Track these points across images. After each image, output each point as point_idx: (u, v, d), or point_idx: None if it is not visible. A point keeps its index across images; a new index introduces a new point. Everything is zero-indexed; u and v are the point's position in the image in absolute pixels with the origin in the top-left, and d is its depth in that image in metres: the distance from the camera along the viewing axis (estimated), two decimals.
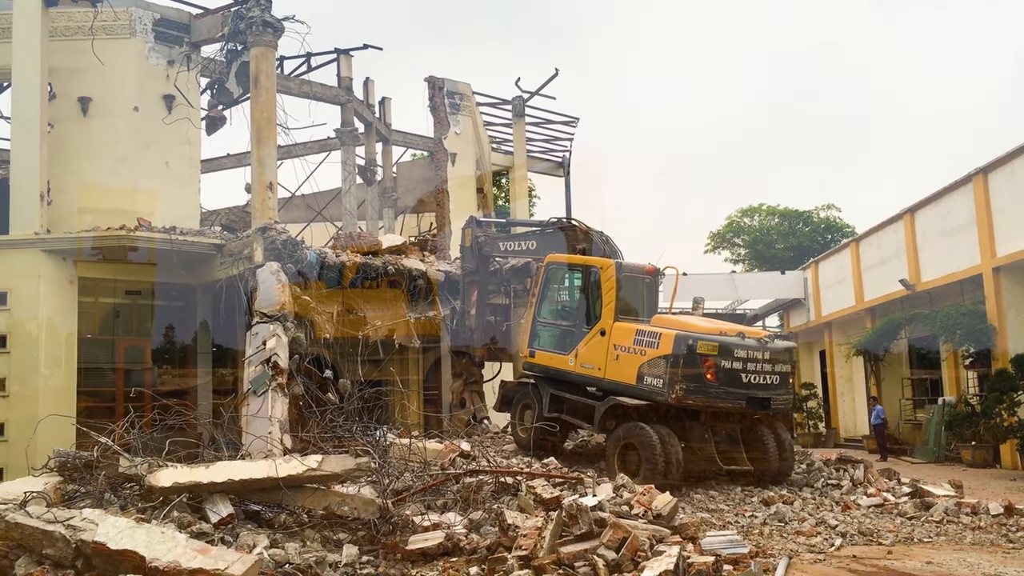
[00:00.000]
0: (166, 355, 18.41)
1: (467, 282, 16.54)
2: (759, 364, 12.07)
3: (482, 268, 16.27)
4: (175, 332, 18.44)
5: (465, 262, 16.53)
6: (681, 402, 11.71)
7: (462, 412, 17.46)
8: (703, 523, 9.51)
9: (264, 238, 15.44)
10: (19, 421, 15.03)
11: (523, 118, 29.46)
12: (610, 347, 12.69)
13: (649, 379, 11.97)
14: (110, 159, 18.01)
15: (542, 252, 15.02)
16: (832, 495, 11.86)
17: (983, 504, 10.92)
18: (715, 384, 11.71)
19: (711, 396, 11.79)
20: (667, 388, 11.67)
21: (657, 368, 11.88)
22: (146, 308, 18.05)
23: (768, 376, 12.17)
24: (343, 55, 23.67)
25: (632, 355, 12.32)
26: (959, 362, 22.98)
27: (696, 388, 11.65)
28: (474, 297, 16.33)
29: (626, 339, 12.50)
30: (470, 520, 8.92)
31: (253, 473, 8.67)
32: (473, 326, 16.46)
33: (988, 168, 20.65)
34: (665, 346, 11.84)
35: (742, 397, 11.98)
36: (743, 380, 11.94)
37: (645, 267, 13.56)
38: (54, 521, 7.37)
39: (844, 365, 31.49)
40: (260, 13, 16.44)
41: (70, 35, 18.08)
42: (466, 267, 16.50)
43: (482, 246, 16.03)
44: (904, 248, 25.38)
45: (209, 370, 18.21)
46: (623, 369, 12.42)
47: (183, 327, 18.39)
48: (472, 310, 16.32)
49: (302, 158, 25.13)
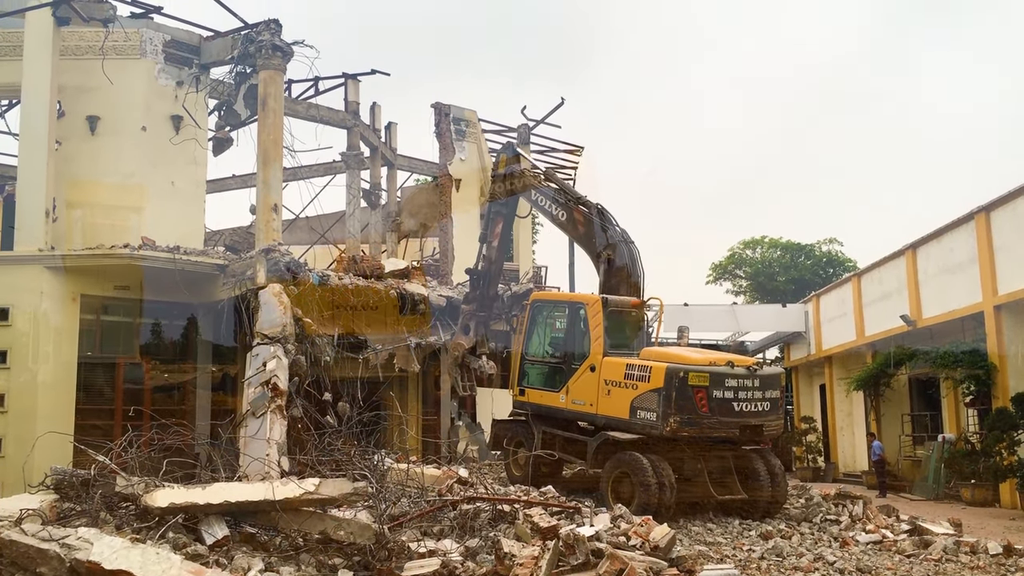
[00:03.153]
0: (166, 375, 18.37)
1: (493, 211, 16.60)
2: (750, 392, 12.07)
3: (511, 202, 16.23)
4: (175, 351, 18.44)
5: (495, 188, 16.43)
6: (676, 434, 11.69)
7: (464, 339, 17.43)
8: (701, 556, 9.45)
9: (267, 259, 15.49)
10: (17, 437, 15.01)
11: (528, 146, 29.60)
12: (601, 382, 12.67)
13: (642, 413, 11.95)
14: (116, 177, 18.11)
15: (570, 228, 15.01)
16: (831, 530, 11.79)
17: (982, 543, 10.85)
18: (708, 415, 11.70)
19: (705, 427, 11.77)
20: (661, 421, 11.65)
21: (650, 401, 11.86)
22: (147, 327, 18.07)
23: (759, 403, 12.17)
24: (351, 80, 23.85)
25: (624, 389, 12.30)
26: (959, 399, 22.91)
27: (690, 420, 11.63)
28: (498, 228, 16.51)
29: (617, 374, 12.48)
30: (466, 547, 8.87)
31: (250, 495, 8.63)
32: (493, 257, 16.73)
33: (990, 206, 20.70)
34: (656, 379, 11.83)
35: (735, 426, 11.99)
36: (735, 409, 11.94)
37: (631, 301, 13.59)
38: (49, 539, 7.34)
39: (844, 399, 31.39)
40: (270, 37, 16.62)
41: (81, 54, 18.24)
42: (495, 192, 16.41)
43: (514, 181, 15.95)
44: (905, 284, 25.38)
45: (208, 390, 18.19)
46: (615, 404, 12.39)
47: (184, 346, 18.39)
48: (495, 241, 16.53)
49: (307, 180, 25.26)
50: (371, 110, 25.75)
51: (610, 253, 14.21)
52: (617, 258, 14.13)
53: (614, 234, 14.32)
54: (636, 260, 14.29)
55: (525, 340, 14.38)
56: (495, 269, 17.06)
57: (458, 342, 17.54)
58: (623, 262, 14.11)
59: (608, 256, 14.24)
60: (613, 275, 14.11)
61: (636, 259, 14.30)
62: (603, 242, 14.33)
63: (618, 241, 14.24)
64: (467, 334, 17.42)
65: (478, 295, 17.31)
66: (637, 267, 14.23)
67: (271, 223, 16.41)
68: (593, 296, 13.39)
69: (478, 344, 17.55)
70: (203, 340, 18.09)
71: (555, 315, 14.36)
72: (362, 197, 24.94)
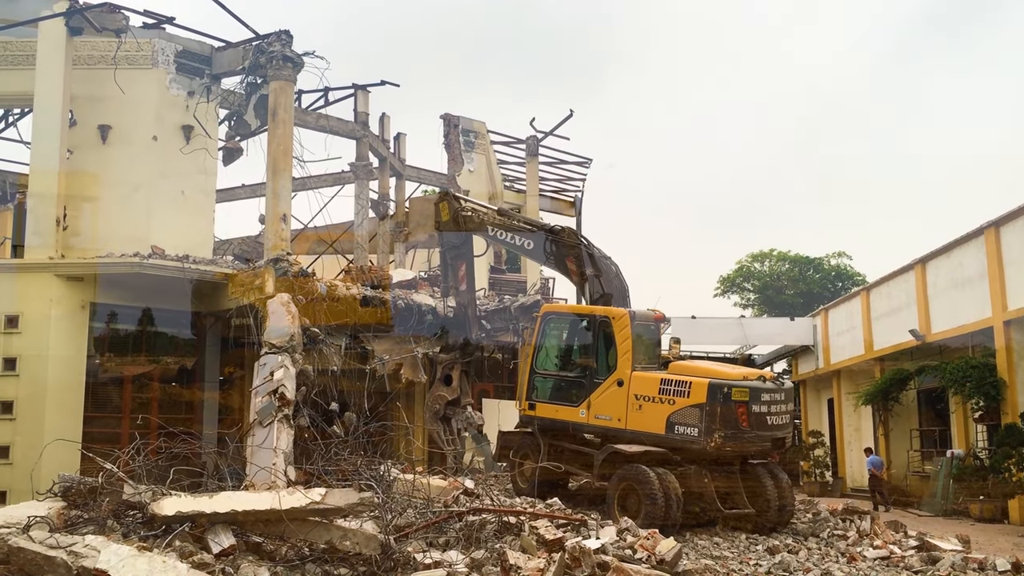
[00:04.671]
0: (174, 382, 18.44)
1: (452, 257, 15.97)
2: (778, 405, 12.27)
3: (467, 243, 15.70)
4: (184, 360, 18.50)
5: (445, 238, 15.87)
6: (720, 449, 11.72)
7: (444, 390, 16.37)
8: (707, 570, 9.40)
9: (276, 269, 15.54)
10: (25, 444, 15.05)
11: (536, 157, 29.68)
12: (630, 397, 12.57)
13: (681, 428, 11.91)
14: (127, 187, 18.21)
15: (536, 255, 14.68)
16: (838, 545, 11.73)
17: (991, 560, 10.77)
18: (748, 429, 11.83)
19: (745, 441, 11.90)
20: (704, 436, 11.67)
21: (691, 417, 11.84)
22: (156, 335, 18.14)
23: (783, 416, 12.39)
24: (360, 90, 23.95)
25: (658, 404, 12.21)
26: (968, 415, 22.82)
27: (733, 434, 11.71)
28: (462, 272, 15.82)
29: (649, 389, 12.37)
30: (472, 559, 8.86)
31: (256, 504, 8.64)
32: (466, 301, 16.01)
33: (1000, 221, 20.67)
34: (698, 395, 11.83)
35: (768, 439, 12.18)
36: (768, 423, 12.08)
37: (654, 314, 13.56)
38: (56, 547, 7.37)
39: (852, 414, 31.29)
40: (281, 48, 16.73)
41: (93, 64, 18.37)
42: (448, 242, 15.83)
43: (467, 220, 15.38)
44: (915, 298, 25.32)
45: (215, 399, 18.24)
46: (648, 419, 12.31)
47: (192, 355, 18.45)
48: (462, 285, 15.86)
49: (316, 190, 25.37)
50: (380, 121, 25.85)
51: (591, 272, 14.13)
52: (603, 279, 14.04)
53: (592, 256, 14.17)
54: (619, 275, 14.28)
55: (535, 353, 14.14)
56: (471, 313, 16.31)
57: (438, 394, 16.47)
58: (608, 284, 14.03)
59: (591, 275, 14.15)
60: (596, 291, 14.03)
61: (618, 274, 14.28)
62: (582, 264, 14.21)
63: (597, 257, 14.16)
64: (448, 384, 16.38)
65: (460, 343, 16.47)
66: (622, 282, 14.25)
67: (280, 233, 16.47)
68: (620, 310, 13.25)
69: (462, 395, 16.48)
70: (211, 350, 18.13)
71: (571, 328, 14.11)
72: (370, 207, 25.01)
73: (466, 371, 16.65)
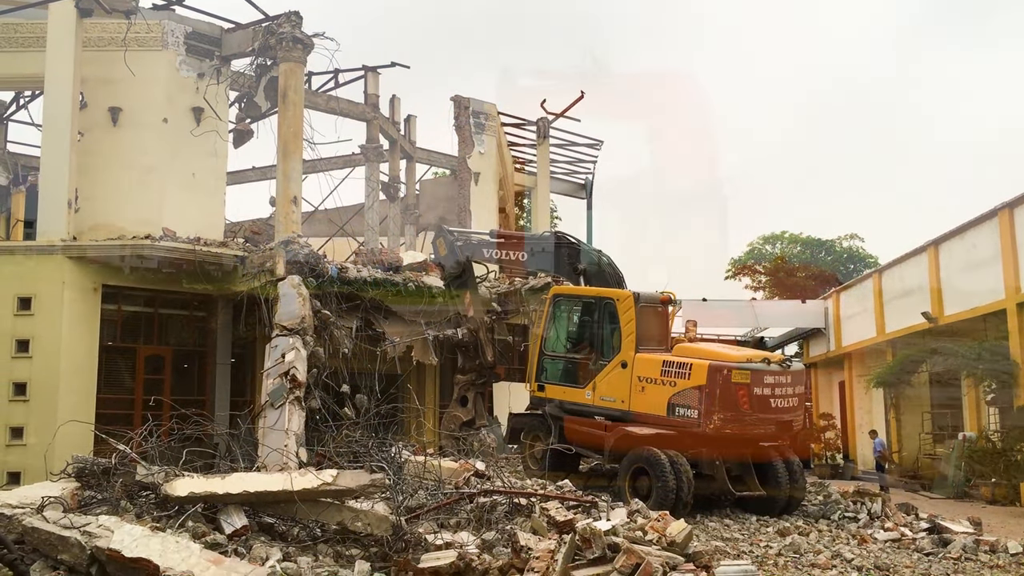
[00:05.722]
0: (185, 365, 18.52)
1: (455, 286, 16.40)
2: (784, 388, 12.16)
3: (468, 271, 16.16)
4: (195, 342, 18.57)
5: (448, 270, 16.28)
6: (718, 431, 11.68)
7: (460, 411, 16.81)
8: (717, 552, 9.42)
9: (287, 251, 15.55)
10: (39, 426, 15.16)
11: (547, 140, 29.55)
12: (634, 379, 12.60)
13: (681, 410, 11.92)
14: (137, 169, 18.23)
15: (534, 266, 15.14)
16: (849, 528, 11.73)
17: (1002, 542, 10.77)
18: (749, 412, 11.76)
19: (746, 423, 11.82)
20: (703, 418, 11.65)
21: (690, 398, 11.84)
22: (167, 317, 18.20)
23: (790, 399, 12.27)
24: (371, 72, 23.89)
25: (660, 386, 12.24)
26: (980, 397, 22.72)
27: (732, 417, 11.67)
28: (468, 300, 16.24)
29: (652, 371, 12.41)
30: (483, 540, 8.89)
31: (268, 485, 8.68)
32: (476, 326, 16.40)
33: (1014, 203, 20.48)
34: (698, 376, 11.81)
35: (772, 422, 12.07)
36: (772, 405, 12.00)
37: (660, 296, 13.56)
38: (70, 527, 7.42)
39: (863, 397, 31.18)
40: (291, 29, 16.67)
41: (103, 46, 18.35)
42: (450, 274, 16.25)
43: (462, 250, 15.88)
44: (927, 281, 25.15)
45: (227, 381, 18.30)
46: (650, 400, 12.35)
47: (203, 337, 18.52)
48: (469, 311, 16.25)
49: (326, 173, 25.37)
50: (390, 103, 25.80)
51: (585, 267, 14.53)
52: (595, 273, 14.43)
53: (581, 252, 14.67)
54: (611, 265, 14.52)
55: (544, 335, 14.25)
56: (483, 337, 16.67)
57: (454, 414, 16.84)
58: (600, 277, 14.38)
59: (583, 269, 14.56)
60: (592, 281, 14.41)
61: (611, 264, 14.53)
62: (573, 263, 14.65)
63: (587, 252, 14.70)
64: (464, 405, 16.78)
65: (476, 364, 16.86)
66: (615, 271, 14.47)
67: (291, 215, 16.49)
68: (625, 292, 13.30)
69: (476, 416, 16.80)
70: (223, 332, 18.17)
71: (579, 310, 14.27)
72: (381, 190, 24.99)
73: (481, 393, 17.02)
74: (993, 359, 20.90)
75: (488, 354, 16.75)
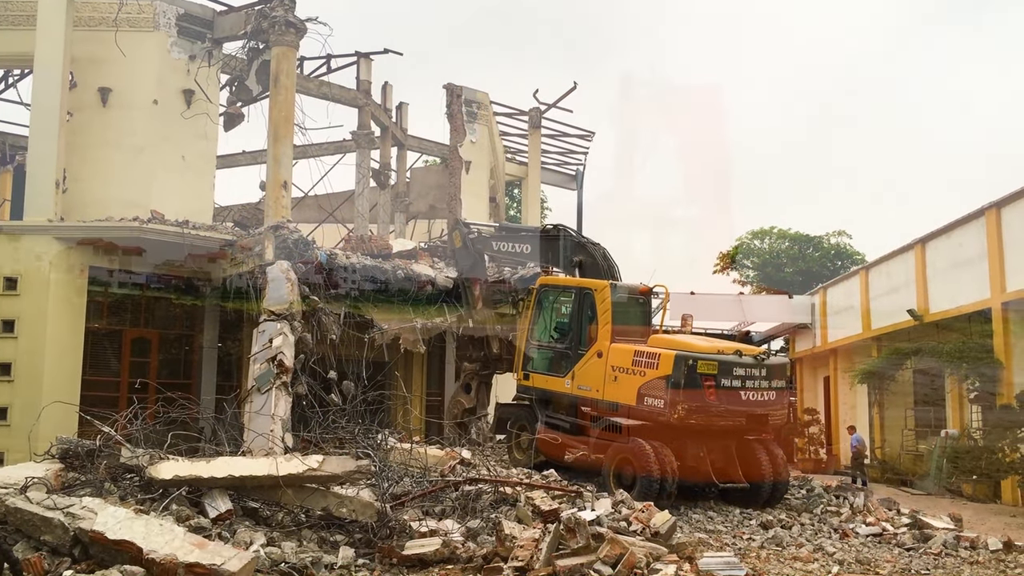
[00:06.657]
0: (172, 348, 18.45)
1: (467, 279, 16.80)
2: (757, 381, 12.13)
3: (479, 263, 16.62)
4: (182, 325, 18.51)
5: (461, 262, 16.83)
6: (683, 422, 11.71)
7: (464, 397, 17.16)
8: (700, 543, 9.48)
9: (276, 236, 15.50)
10: (23, 406, 15.07)
11: (539, 129, 29.51)
12: (608, 369, 12.71)
13: (650, 400, 11.98)
14: (127, 150, 18.11)
15: (536, 258, 15.44)
16: (831, 522, 11.81)
17: (982, 539, 10.86)
18: (716, 403, 11.75)
19: (712, 415, 11.81)
20: (668, 408, 11.69)
21: (657, 389, 11.90)
22: (154, 300, 18.12)
23: (766, 393, 12.23)
24: (363, 58, 23.77)
25: (631, 376, 12.33)
26: (964, 395, 22.87)
27: (697, 407, 11.67)
28: (478, 291, 16.58)
29: (624, 360, 12.51)
30: (467, 528, 8.92)
31: (253, 470, 8.69)
32: (484, 318, 16.78)
33: (1001, 203, 20.59)
34: (665, 367, 11.87)
35: (742, 415, 12.05)
36: (742, 398, 11.99)
37: (639, 287, 13.63)
38: (53, 508, 7.41)
39: (848, 392, 31.35)
40: (284, 13, 16.56)
41: (94, 26, 18.20)
42: (463, 265, 16.80)
43: (475, 242, 16.40)
44: (914, 278, 25.29)
45: (214, 365, 18.26)
46: (622, 390, 12.44)
47: (191, 321, 18.46)
48: (479, 304, 16.61)
49: (317, 159, 25.25)
50: (382, 89, 25.69)
51: (582, 259, 14.79)
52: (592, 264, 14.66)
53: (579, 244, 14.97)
54: (606, 257, 14.71)
55: (531, 324, 14.42)
56: (491, 331, 16.96)
57: (458, 399, 17.21)
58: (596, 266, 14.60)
59: (579, 262, 14.80)
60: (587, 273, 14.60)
61: (605, 255, 14.72)
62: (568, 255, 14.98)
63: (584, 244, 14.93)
64: (468, 392, 17.13)
65: (481, 355, 17.22)
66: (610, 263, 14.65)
67: (280, 200, 16.40)
68: (602, 282, 13.42)
69: (479, 405, 17.10)
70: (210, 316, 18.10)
71: (562, 300, 14.41)
72: (371, 177, 24.91)
73: (485, 382, 17.33)
74: (977, 357, 21.05)
75: (494, 346, 16.99)
